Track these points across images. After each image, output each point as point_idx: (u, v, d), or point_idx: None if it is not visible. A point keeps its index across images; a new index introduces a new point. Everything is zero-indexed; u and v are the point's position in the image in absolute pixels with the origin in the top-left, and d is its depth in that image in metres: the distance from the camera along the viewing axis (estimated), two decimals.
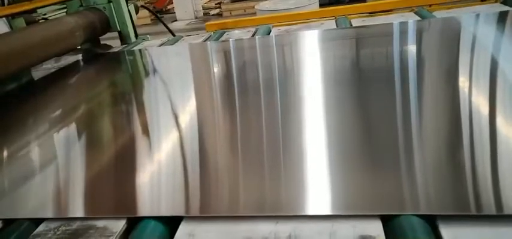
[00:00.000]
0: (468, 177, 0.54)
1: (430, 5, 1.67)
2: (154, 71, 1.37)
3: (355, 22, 1.50)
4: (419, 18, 1.41)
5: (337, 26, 1.49)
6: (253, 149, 0.70)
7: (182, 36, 1.74)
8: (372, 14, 1.63)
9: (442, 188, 0.52)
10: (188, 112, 0.93)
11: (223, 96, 1.02)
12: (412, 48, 1.12)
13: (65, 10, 1.80)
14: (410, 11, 1.54)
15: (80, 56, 1.64)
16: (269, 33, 1.54)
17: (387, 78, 0.93)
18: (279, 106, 0.87)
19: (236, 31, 1.71)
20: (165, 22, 2.49)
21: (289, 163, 0.63)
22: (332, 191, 0.55)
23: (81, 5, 1.70)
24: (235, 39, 1.50)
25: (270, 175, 0.61)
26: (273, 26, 1.65)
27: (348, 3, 4.45)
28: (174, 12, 5.50)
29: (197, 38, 1.66)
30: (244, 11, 4.79)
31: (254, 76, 1.12)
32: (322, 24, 1.57)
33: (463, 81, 0.86)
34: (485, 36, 1.13)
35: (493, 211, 0.47)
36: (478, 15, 1.31)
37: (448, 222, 0.48)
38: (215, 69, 1.26)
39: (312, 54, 1.22)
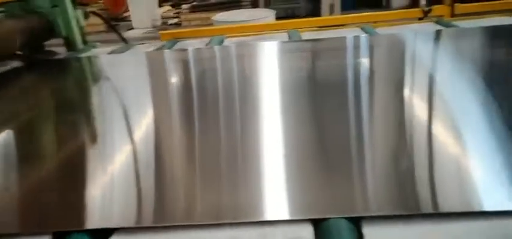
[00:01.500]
0: (394, 180, 0.58)
1: (374, 22, 1.78)
2: (100, 78, 1.33)
3: (306, 36, 1.56)
4: (365, 34, 1.49)
5: (289, 39, 1.54)
6: (197, 159, 0.70)
7: (134, 45, 1.71)
8: (321, 28, 1.70)
9: (368, 191, 0.56)
10: (132, 120, 0.91)
11: (173, 104, 1.01)
12: (357, 61, 1.18)
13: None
14: (357, 27, 1.63)
15: (18, 63, 1.55)
16: (222, 44, 1.56)
17: (333, 88, 0.97)
18: (222, 114, 0.88)
19: (190, 41, 1.71)
20: (119, 30, 2.43)
21: (230, 172, 0.64)
22: (268, 197, 0.57)
23: (22, 9, 1.61)
24: (189, 49, 1.50)
25: (206, 183, 0.62)
26: (226, 37, 1.67)
27: (305, 17, 4.59)
28: (131, 20, 5.39)
29: (149, 47, 1.63)
30: (203, 21, 4.79)
31: (206, 85, 1.13)
32: (273, 36, 1.62)
33: (401, 93, 0.92)
34: (422, 51, 1.22)
35: (413, 210, 0.51)
36: (416, 33, 1.41)
37: (372, 223, 0.50)
38: (166, 78, 1.25)
39: (264, 65, 1.25)
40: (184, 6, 5.02)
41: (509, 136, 0.69)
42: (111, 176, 0.66)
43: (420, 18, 1.84)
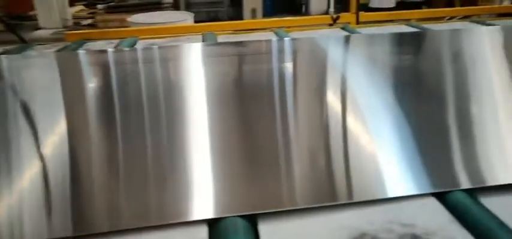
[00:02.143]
0: (292, 177, 0.60)
1: (288, 27, 1.85)
2: None
3: (222, 39, 1.56)
4: (278, 38, 1.55)
5: (203, 41, 1.53)
6: (98, 168, 0.66)
7: (33, 45, 1.55)
8: (236, 32, 1.72)
9: (266, 189, 0.57)
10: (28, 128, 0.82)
11: (79, 110, 0.93)
12: (266, 64, 1.21)
13: None
14: (270, 31, 1.68)
15: None
16: (134, 46, 1.49)
17: (239, 90, 0.98)
18: (119, 120, 0.84)
19: (99, 42, 1.60)
20: (23, 29, 2.19)
21: (130, 177, 0.61)
22: (167, 202, 0.55)
23: None
24: (91, 50, 1.41)
25: (106, 190, 0.58)
26: (139, 39, 1.60)
27: (227, 20, 4.62)
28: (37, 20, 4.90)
29: (50, 48, 1.50)
30: (121, 23, 4.54)
31: (103, 89, 1.05)
32: (188, 38, 1.59)
33: (303, 92, 0.96)
34: (328, 53, 1.30)
35: (307, 204, 0.53)
36: (328, 37, 1.50)
37: (268, 220, 0.52)
38: (66, 82, 1.15)
39: (167, 67, 1.22)
40: (99, 6, 4.71)
41: (402, 129, 0.76)
42: (22, 190, 0.59)
43: (330, 25, 1.96)
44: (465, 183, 0.57)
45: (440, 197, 0.55)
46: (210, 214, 0.51)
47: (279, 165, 0.65)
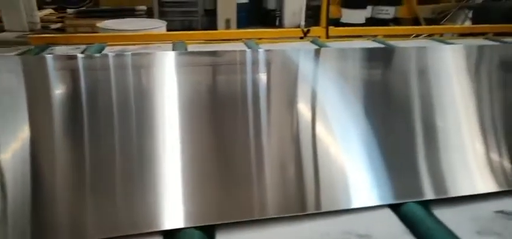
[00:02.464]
0: (250, 189, 0.60)
1: (259, 38, 1.87)
2: None
3: (191, 48, 1.55)
4: (248, 48, 1.56)
5: (173, 50, 1.51)
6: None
7: None
8: (207, 41, 1.72)
9: (225, 199, 0.56)
10: None
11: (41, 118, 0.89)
12: (241, 75, 1.21)
13: None
14: (241, 42, 1.69)
15: None
16: (101, 52, 1.45)
17: (203, 99, 0.98)
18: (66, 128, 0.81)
19: (64, 47, 1.55)
20: None
21: (96, 189, 0.59)
22: (123, 214, 0.54)
23: None
24: (51, 55, 1.36)
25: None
26: (107, 45, 1.57)
27: (201, 30, 4.61)
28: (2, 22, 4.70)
29: (13, 51, 1.43)
30: (92, 28, 4.43)
31: (56, 95, 1.01)
32: (159, 47, 1.57)
33: (280, 104, 0.97)
34: (302, 66, 1.32)
35: (265, 215, 0.53)
36: (298, 50, 1.52)
37: (226, 230, 0.51)
38: (19, 86, 1.10)
39: (143, 75, 1.20)
40: (69, 10, 4.59)
41: (366, 142, 0.77)
42: None
43: (301, 38, 2.00)
44: (419, 195, 0.59)
45: (396, 208, 0.57)
46: (166, 226, 0.50)
47: (241, 176, 0.64)
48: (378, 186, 0.62)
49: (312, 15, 4.35)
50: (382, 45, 1.66)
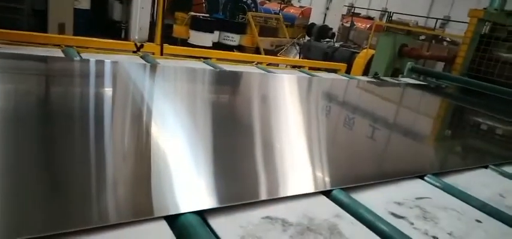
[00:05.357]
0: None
1: (87, 47, 1.73)
2: None
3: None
4: (64, 56, 1.41)
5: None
6: None
7: None
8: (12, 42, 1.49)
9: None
10: None
11: None
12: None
13: None
14: (59, 48, 1.52)
15: None
16: None
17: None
18: None
19: None
20: None
21: None
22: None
23: None
24: None
25: None
26: None
27: (27, 30, 3.99)
28: None
29: None
30: None
31: None
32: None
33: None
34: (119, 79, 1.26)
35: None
36: (120, 63, 1.45)
37: None
38: None
39: None
40: None
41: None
42: None
43: (134, 52, 1.94)
44: (192, 206, 0.61)
45: (171, 220, 0.58)
46: None
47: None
48: (153, 199, 0.62)
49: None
50: (210, 67, 1.75)
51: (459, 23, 7.36)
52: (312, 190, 0.75)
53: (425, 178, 0.92)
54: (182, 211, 0.59)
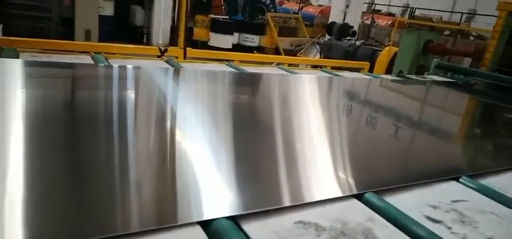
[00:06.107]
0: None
1: (113, 53, 1.77)
2: None
3: (23, 56, 1.37)
4: (93, 62, 1.45)
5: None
6: None
7: None
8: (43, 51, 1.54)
9: None
10: None
11: None
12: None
13: None
14: (88, 55, 1.57)
15: None
16: None
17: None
18: None
19: None
20: None
21: None
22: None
23: None
24: None
25: None
26: None
27: (56, 38, 4.12)
28: None
29: None
30: None
31: None
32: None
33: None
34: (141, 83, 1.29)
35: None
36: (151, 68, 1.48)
37: None
38: None
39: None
40: None
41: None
42: None
43: (158, 56, 1.97)
44: (227, 211, 0.62)
45: (205, 225, 0.59)
46: None
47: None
48: (188, 204, 0.63)
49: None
50: (234, 70, 1.76)
51: (486, 16, 7.12)
52: (343, 193, 0.74)
53: (460, 179, 0.89)
54: (217, 216, 0.60)
